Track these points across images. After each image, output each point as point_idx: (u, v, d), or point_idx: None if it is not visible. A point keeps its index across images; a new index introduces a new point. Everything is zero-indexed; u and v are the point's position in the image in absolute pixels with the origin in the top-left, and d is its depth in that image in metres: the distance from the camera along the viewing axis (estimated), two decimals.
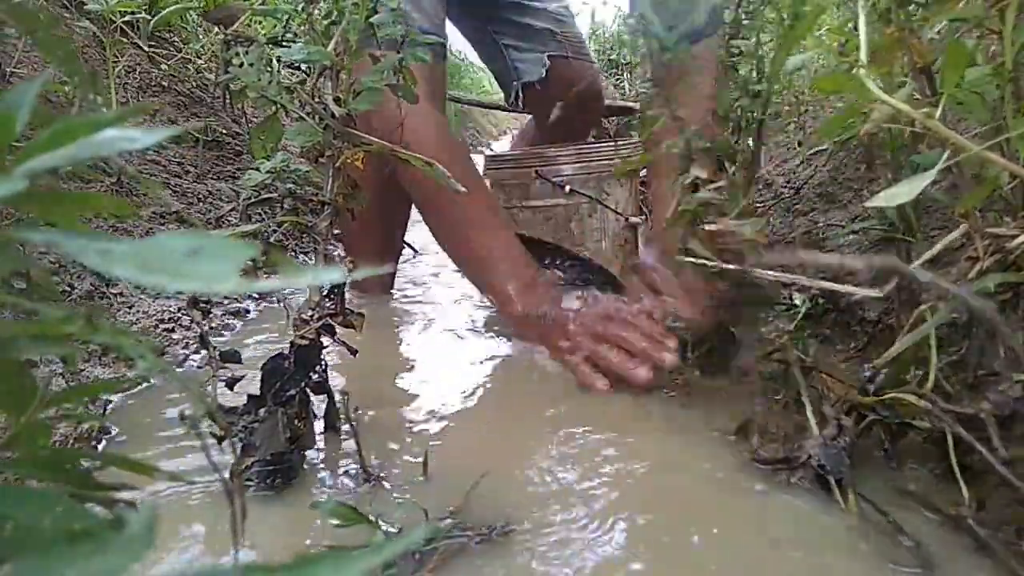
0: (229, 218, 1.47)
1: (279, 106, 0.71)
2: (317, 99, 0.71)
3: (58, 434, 0.75)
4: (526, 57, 1.54)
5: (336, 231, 0.90)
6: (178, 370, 1.01)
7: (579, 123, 1.67)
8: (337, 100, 0.72)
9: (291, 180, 0.71)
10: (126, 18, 1.69)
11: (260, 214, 1.20)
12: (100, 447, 0.78)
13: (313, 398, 0.74)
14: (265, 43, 0.73)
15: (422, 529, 0.58)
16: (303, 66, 0.74)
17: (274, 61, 0.71)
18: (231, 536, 0.42)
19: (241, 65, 0.70)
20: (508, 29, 1.54)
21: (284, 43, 0.73)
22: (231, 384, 0.72)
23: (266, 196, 0.73)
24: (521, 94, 1.57)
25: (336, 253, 0.93)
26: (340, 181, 0.74)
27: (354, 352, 0.76)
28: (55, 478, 0.30)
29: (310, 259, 1.63)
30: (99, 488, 0.30)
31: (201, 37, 2.09)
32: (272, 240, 0.74)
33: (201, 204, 1.52)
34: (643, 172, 1.45)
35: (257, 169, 0.71)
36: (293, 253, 1.67)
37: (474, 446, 0.79)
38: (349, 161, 0.73)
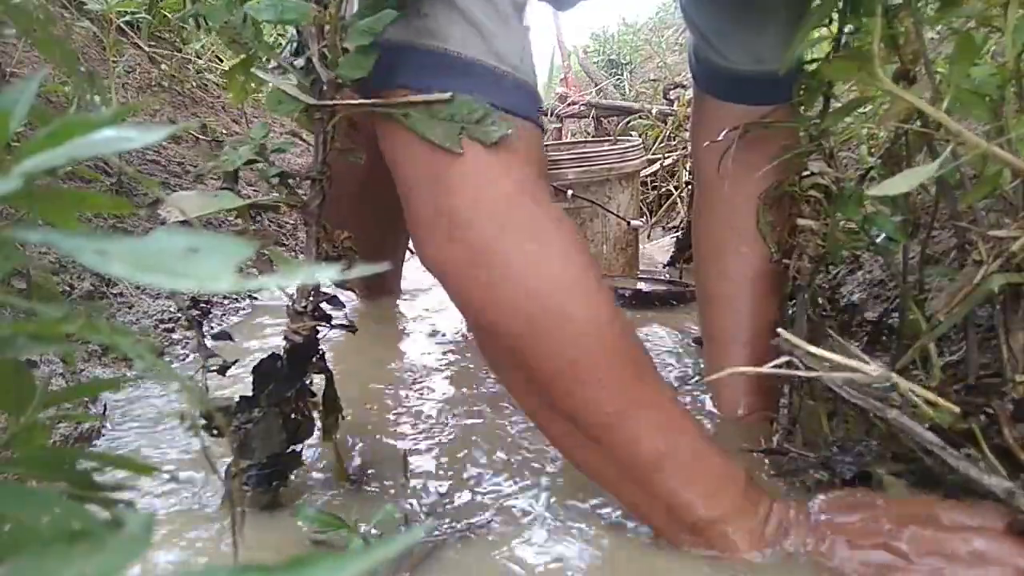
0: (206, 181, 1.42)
1: (254, 50, 0.60)
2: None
3: (57, 434, 0.75)
4: None
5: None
6: (174, 366, 1.01)
7: None
8: (324, 58, 0.60)
9: (274, 155, 0.64)
10: (126, 18, 1.69)
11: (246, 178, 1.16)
12: (98, 446, 0.78)
13: (313, 387, 0.72)
14: None
15: (414, 533, 0.58)
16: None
17: None
18: (230, 536, 0.42)
19: None
20: None
21: None
22: (223, 370, 0.67)
23: (252, 159, 0.64)
24: None
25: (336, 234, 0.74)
26: (332, 147, 0.64)
27: (353, 330, 0.73)
28: (54, 477, 0.30)
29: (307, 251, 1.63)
30: (97, 488, 0.30)
31: (202, 37, 2.09)
32: (259, 201, 0.66)
33: None
34: (643, 173, 1.45)
35: (235, 148, 0.63)
36: (293, 253, 1.67)
37: (462, 447, 0.79)
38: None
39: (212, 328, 1.18)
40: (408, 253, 1.41)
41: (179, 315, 1.13)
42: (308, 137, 0.66)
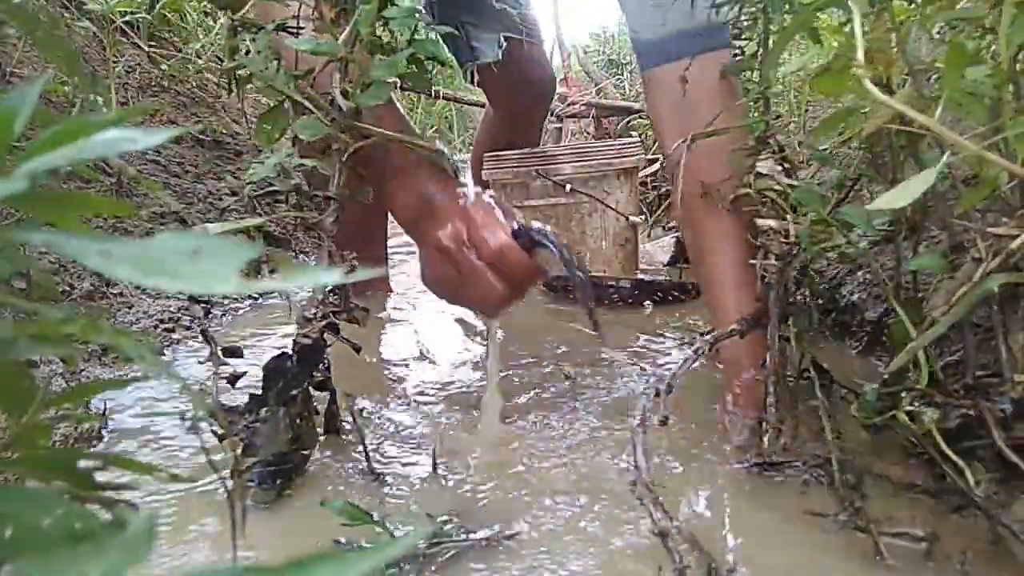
0: (231, 212, 1.47)
1: (286, 96, 0.69)
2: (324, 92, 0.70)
3: (58, 434, 0.75)
4: (483, 36, 1.49)
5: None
6: (176, 364, 1.01)
7: (536, 111, 1.66)
8: (344, 93, 0.69)
9: (296, 175, 0.70)
10: (126, 18, 1.69)
11: (264, 209, 1.19)
12: (99, 447, 0.78)
13: (315, 397, 0.73)
14: (273, 30, 0.71)
15: (421, 531, 0.59)
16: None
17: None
18: (231, 536, 0.42)
19: (247, 53, 0.67)
20: (466, 4, 1.48)
21: (291, 29, 0.71)
22: (232, 381, 0.70)
23: (272, 188, 0.71)
24: (477, 74, 1.52)
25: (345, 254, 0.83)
26: (347, 174, 0.72)
27: (358, 349, 0.75)
28: (55, 478, 0.30)
29: (313, 257, 1.63)
30: (99, 488, 0.30)
31: (201, 37, 2.09)
32: (275, 233, 0.72)
33: (201, 204, 1.52)
34: (642, 172, 1.45)
35: (261, 163, 0.70)
36: (295, 254, 1.67)
37: (478, 447, 0.79)
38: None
39: (212, 326, 1.18)
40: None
41: (179, 315, 1.13)
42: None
